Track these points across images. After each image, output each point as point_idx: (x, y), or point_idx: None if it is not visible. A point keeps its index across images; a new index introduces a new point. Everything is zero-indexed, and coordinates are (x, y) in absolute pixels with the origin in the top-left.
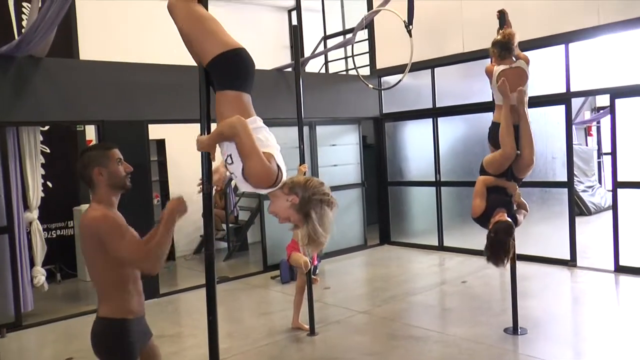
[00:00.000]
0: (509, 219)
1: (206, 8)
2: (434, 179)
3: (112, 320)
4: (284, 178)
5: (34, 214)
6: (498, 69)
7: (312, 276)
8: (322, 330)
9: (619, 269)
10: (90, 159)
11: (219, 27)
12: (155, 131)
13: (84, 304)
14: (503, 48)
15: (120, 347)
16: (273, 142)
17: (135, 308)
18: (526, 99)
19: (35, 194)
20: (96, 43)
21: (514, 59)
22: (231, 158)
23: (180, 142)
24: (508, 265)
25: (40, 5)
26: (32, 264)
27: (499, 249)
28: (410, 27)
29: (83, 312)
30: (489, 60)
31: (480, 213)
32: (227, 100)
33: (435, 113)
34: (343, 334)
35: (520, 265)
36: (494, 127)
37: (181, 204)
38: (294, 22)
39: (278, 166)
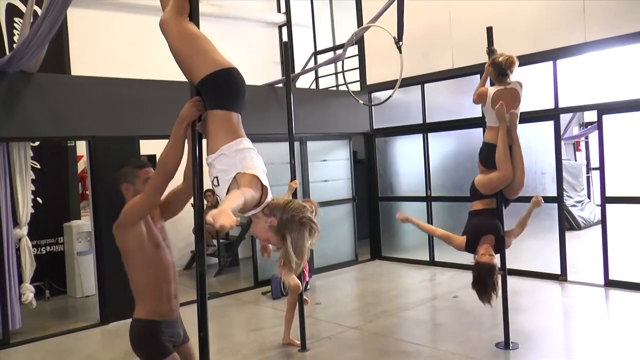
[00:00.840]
0: (493, 258)
1: (198, 26)
2: (424, 194)
3: (143, 322)
4: (269, 199)
5: (24, 230)
6: (492, 90)
7: (304, 297)
8: (313, 346)
9: (609, 283)
10: (121, 174)
11: (210, 45)
12: (147, 147)
13: (73, 321)
14: (501, 73)
15: (150, 346)
16: (259, 164)
17: (164, 312)
18: (517, 121)
19: (25, 210)
20: (88, 59)
21: (509, 79)
22: (217, 180)
23: None
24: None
25: (32, 21)
26: (21, 280)
27: (483, 289)
28: (400, 43)
29: (72, 329)
30: (478, 76)
31: (464, 247)
32: (216, 119)
33: (425, 128)
34: (334, 350)
35: (511, 280)
36: (486, 148)
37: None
38: (285, 38)
39: (264, 187)
